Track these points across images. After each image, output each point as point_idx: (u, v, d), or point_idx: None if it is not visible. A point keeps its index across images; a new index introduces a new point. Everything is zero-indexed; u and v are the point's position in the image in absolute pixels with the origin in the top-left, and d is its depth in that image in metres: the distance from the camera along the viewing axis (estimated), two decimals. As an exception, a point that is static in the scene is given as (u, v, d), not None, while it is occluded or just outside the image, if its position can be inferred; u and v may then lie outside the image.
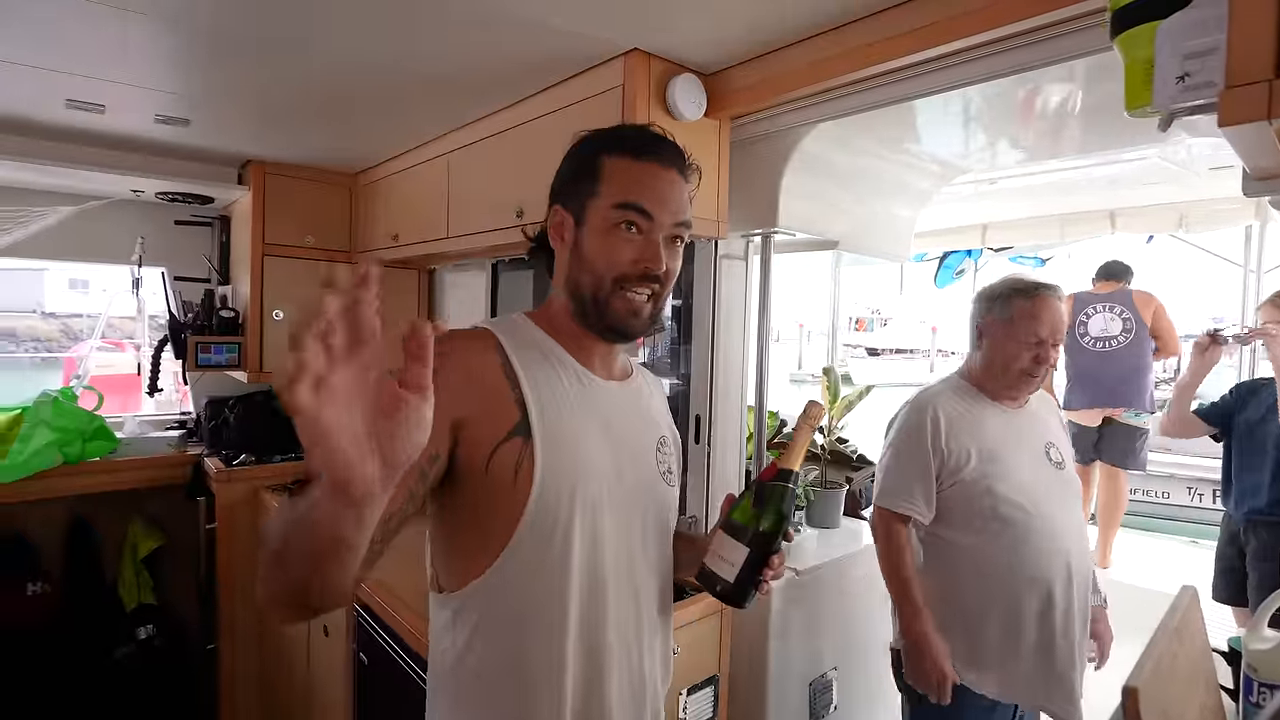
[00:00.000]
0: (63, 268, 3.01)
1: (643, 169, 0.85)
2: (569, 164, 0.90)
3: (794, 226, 1.63)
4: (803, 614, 1.68)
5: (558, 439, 0.81)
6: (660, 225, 0.84)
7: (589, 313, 0.85)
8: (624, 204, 0.83)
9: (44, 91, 1.68)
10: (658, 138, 0.88)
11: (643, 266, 0.84)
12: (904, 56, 1.16)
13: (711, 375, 1.67)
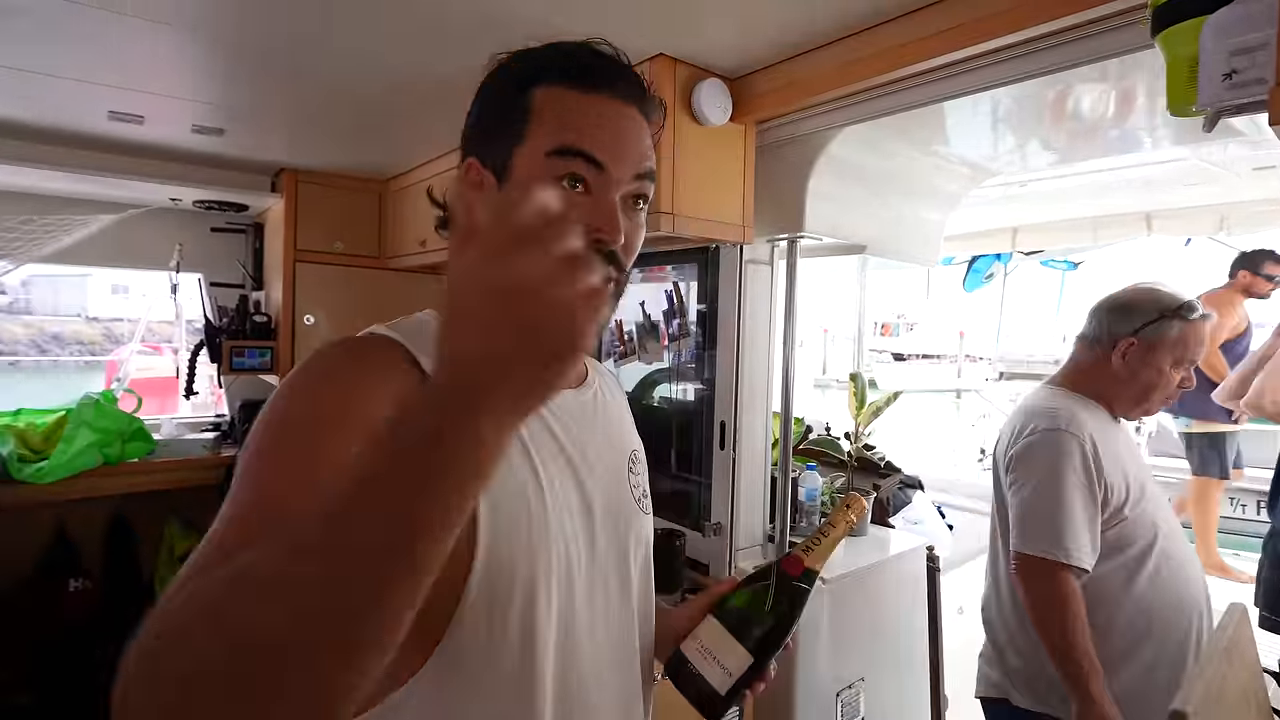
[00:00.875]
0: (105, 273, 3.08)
1: (589, 103, 0.61)
2: (486, 98, 0.66)
3: (820, 231, 1.62)
4: (830, 622, 1.65)
5: (507, 486, 0.58)
6: (615, 180, 0.61)
7: None
8: (563, 149, 0.59)
9: (87, 103, 1.74)
10: (609, 59, 0.64)
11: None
12: (934, 58, 1.15)
13: (737, 381, 1.66)
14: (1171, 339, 1.30)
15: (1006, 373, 7.95)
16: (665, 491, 1.89)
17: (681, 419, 1.83)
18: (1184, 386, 1.33)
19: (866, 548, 1.89)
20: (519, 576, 0.58)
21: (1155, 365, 1.31)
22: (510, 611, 0.57)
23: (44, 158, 2.04)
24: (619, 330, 1.94)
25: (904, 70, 1.21)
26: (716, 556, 1.66)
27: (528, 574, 0.58)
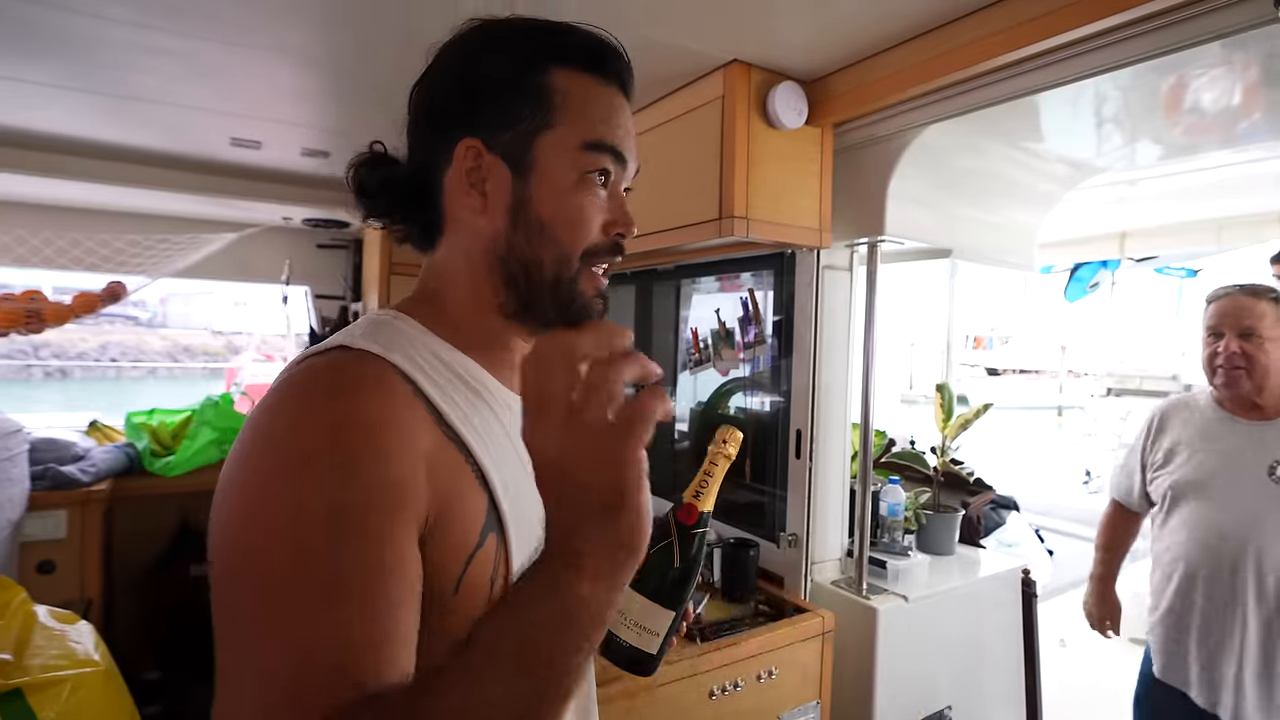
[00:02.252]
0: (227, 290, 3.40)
1: (609, 95, 0.60)
2: (480, 75, 0.58)
3: (903, 234, 1.56)
4: (913, 643, 1.57)
5: (519, 513, 0.55)
6: (629, 174, 0.62)
7: (545, 302, 0.59)
8: (599, 144, 0.57)
9: (213, 131, 1.93)
10: (620, 51, 0.62)
11: (614, 233, 0.59)
12: (1027, 46, 1.09)
13: (814, 390, 1.62)
14: (1206, 314, 1.61)
15: (1116, 389, 7.33)
16: (739, 501, 1.87)
17: (757, 428, 1.81)
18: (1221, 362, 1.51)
19: (954, 568, 1.79)
20: None
21: (1203, 340, 1.60)
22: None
23: (176, 183, 2.27)
24: (694, 338, 1.94)
25: (993, 62, 1.16)
26: (792, 569, 1.62)
27: None
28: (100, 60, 1.44)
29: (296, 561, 0.43)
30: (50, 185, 2.27)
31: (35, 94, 1.64)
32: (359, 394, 0.48)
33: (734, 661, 1.31)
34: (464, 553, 0.50)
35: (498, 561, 0.52)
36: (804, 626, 1.44)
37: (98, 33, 1.30)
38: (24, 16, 1.25)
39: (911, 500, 1.89)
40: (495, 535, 0.53)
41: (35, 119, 1.84)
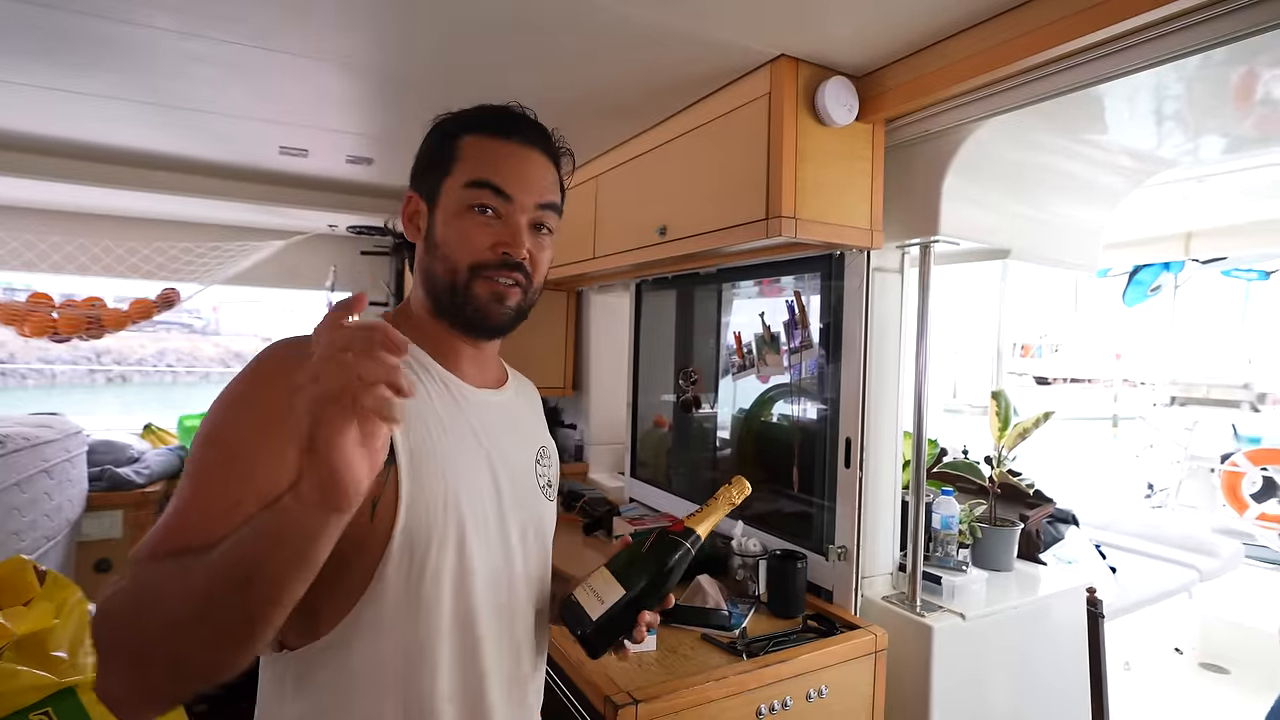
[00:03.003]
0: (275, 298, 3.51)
1: (500, 147, 0.78)
2: (425, 146, 0.82)
3: (957, 234, 1.49)
4: (971, 664, 1.49)
5: (425, 462, 0.71)
6: (521, 207, 0.77)
7: (446, 306, 0.77)
8: (477, 182, 0.75)
9: (263, 141, 1.97)
10: (520, 116, 0.82)
11: (500, 251, 0.75)
12: (1092, 34, 1.02)
13: (864, 397, 1.55)
14: None
15: (1180, 398, 6.97)
16: (784, 512, 1.81)
17: (802, 436, 1.75)
18: None
19: (1012, 585, 1.69)
20: (433, 541, 0.70)
21: None
22: (425, 565, 0.70)
23: (227, 191, 2.33)
24: (737, 343, 1.90)
25: (1056, 51, 1.09)
26: (842, 582, 1.55)
27: (440, 539, 0.71)
28: (154, 71, 1.48)
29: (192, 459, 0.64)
30: (110, 195, 2.35)
31: (93, 106, 1.70)
32: (289, 351, 0.68)
33: (783, 679, 1.26)
34: None
35: (382, 491, 0.68)
36: (855, 644, 1.37)
37: (151, 43, 1.33)
38: (82, 30, 1.28)
39: (966, 513, 1.81)
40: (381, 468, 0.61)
41: (94, 131, 1.91)
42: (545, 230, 0.80)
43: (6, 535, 1.75)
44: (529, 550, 0.82)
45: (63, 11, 1.21)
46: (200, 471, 0.63)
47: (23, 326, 2.39)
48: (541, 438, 0.91)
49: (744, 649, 1.31)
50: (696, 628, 1.40)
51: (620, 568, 0.78)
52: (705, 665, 1.26)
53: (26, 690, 1.36)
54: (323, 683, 0.68)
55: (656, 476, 2.40)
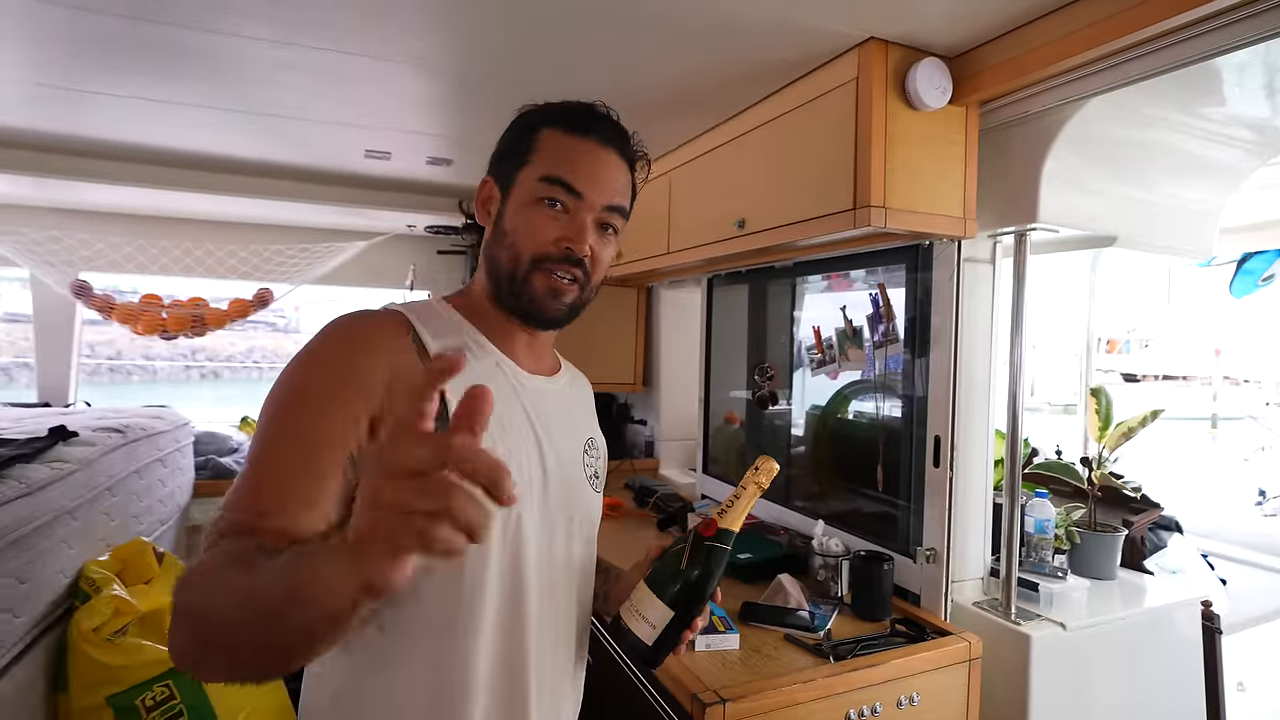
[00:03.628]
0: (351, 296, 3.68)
1: (577, 144, 0.79)
2: (508, 135, 0.84)
3: (1058, 221, 1.40)
4: (1072, 677, 1.40)
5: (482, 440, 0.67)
6: (589, 205, 0.78)
7: (505, 293, 0.79)
8: (550, 177, 0.77)
9: (348, 145, 2.05)
10: (602, 115, 0.82)
11: (564, 246, 0.76)
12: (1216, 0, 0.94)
13: (954, 394, 1.49)
14: None
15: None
16: (864, 511, 1.75)
17: (885, 434, 1.69)
18: None
19: (1116, 594, 1.59)
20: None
21: None
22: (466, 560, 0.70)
23: (315, 195, 2.44)
24: (816, 337, 1.85)
25: (1176, 20, 1.00)
26: (930, 586, 1.49)
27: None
28: (246, 80, 1.56)
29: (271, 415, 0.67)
30: (209, 201, 2.51)
31: (193, 116, 1.81)
32: (359, 322, 0.72)
33: (872, 684, 1.22)
34: None
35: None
36: (948, 651, 1.31)
37: (243, 53, 1.40)
38: (180, 42, 1.36)
39: (1063, 517, 1.71)
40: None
41: (192, 139, 2.03)
42: (610, 231, 0.81)
43: (128, 518, 1.90)
44: (574, 537, 0.82)
45: (166, 25, 1.28)
46: (273, 435, 0.65)
47: (136, 325, 2.58)
48: (591, 429, 0.92)
49: (830, 651, 1.27)
50: (778, 627, 1.38)
51: (661, 583, 0.77)
52: (790, 666, 1.23)
53: (150, 664, 1.47)
54: (364, 642, 0.70)
55: (728, 473, 2.38)
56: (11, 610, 1.36)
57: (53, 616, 1.54)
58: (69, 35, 1.33)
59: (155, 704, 1.47)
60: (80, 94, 1.66)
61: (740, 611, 1.42)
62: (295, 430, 0.65)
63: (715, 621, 1.32)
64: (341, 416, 0.65)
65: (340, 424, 0.65)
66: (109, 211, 2.75)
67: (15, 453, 1.50)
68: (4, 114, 1.82)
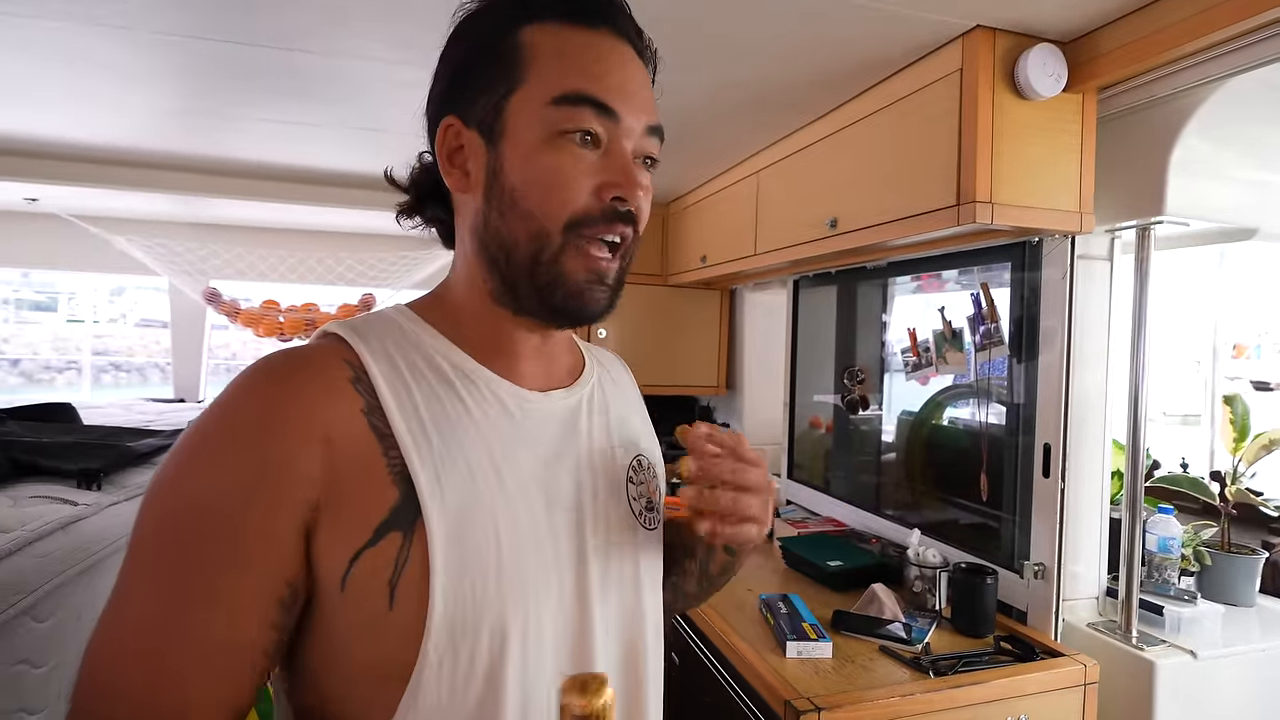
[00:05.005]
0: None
1: (591, 40, 0.53)
2: (462, 49, 0.56)
3: (1188, 214, 1.29)
4: (1203, 711, 1.29)
5: (470, 519, 0.49)
6: (627, 130, 0.52)
7: (522, 286, 0.53)
8: (572, 95, 0.51)
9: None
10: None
11: (610, 196, 0.52)
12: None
13: (1066, 400, 1.40)
14: None
15: None
16: (964, 523, 1.68)
17: (987, 442, 1.61)
18: None
19: (1252, 623, 1.44)
20: (484, 626, 0.48)
21: None
22: (475, 662, 0.48)
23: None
24: (912, 340, 1.79)
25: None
26: (1039, 603, 1.41)
27: (496, 621, 0.49)
28: (359, 98, 1.66)
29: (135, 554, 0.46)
30: (322, 212, 2.70)
31: (317, 135, 1.95)
32: (271, 383, 0.49)
33: (975, 702, 1.16)
34: (351, 549, 0.46)
35: (402, 562, 0.47)
36: (1060, 673, 1.24)
37: (360, 73, 1.50)
38: (311, 68, 1.47)
39: (1190, 535, 1.57)
40: (401, 533, 0.47)
41: (314, 156, 2.19)
42: (650, 165, 0.56)
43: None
44: (611, 608, 0.57)
45: (297, 52, 1.39)
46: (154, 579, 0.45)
47: (258, 328, 2.82)
48: (634, 435, 0.66)
49: (929, 666, 1.22)
50: (871, 638, 1.34)
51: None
52: (887, 679, 1.19)
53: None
54: None
55: (814, 479, 2.33)
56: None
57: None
58: (217, 66, 1.48)
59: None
60: (223, 119, 1.83)
61: (832, 620, 1.39)
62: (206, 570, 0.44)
63: (807, 629, 1.30)
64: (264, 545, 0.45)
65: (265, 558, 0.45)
66: (235, 225, 3.01)
67: (164, 443, 1.67)
68: (152, 139, 2.03)
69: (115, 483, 1.43)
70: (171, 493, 0.47)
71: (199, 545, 0.45)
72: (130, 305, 11.67)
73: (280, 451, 0.46)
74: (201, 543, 0.45)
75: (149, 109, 1.77)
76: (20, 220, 2.81)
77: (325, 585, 0.47)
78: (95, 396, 6.29)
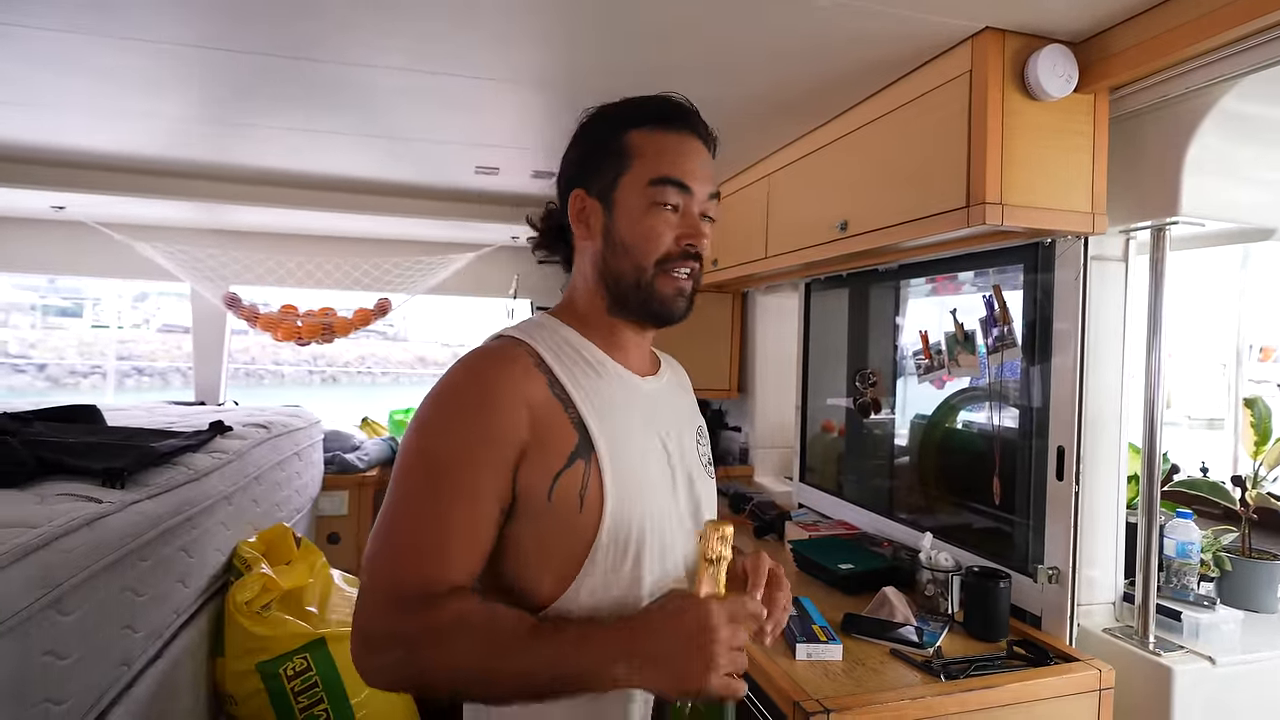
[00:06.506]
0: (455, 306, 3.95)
1: (674, 140, 0.80)
2: (585, 144, 0.83)
3: (1203, 214, 1.28)
4: (1223, 718, 1.27)
5: (620, 454, 0.75)
6: (698, 200, 0.80)
7: (631, 301, 0.80)
8: (662, 179, 0.77)
9: (461, 162, 2.18)
10: (683, 105, 0.82)
11: (684, 244, 0.79)
12: None
13: (1080, 403, 1.39)
14: None
15: None
16: (977, 527, 1.66)
17: (1000, 445, 1.59)
18: None
19: (1275, 630, 1.41)
20: (634, 526, 0.74)
21: None
22: (628, 548, 0.74)
23: (430, 210, 2.62)
24: (924, 342, 1.78)
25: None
26: (1053, 607, 1.39)
27: (639, 524, 0.75)
28: (374, 105, 1.69)
29: (405, 481, 0.71)
30: (338, 218, 2.74)
31: (331, 142, 1.99)
32: (489, 367, 0.74)
33: (988, 706, 1.16)
34: (553, 471, 0.72)
35: (586, 480, 0.73)
36: (1074, 678, 1.22)
37: (373, 80, 1.53)
38: (324, 76, 1.50)
39: (1210, 540, 1.54)
40: (583, 461, 0.73)
41: (328, 163, 2.23)
42: (709, 219, 0.83)
43: (271, 506, 2.11)
44: (697, 521, 0.85)
45: (312, 61, 1.42)
46: (435, 491, 0.70)
47: (276, 332, 2.87)
48: (696, 416, 0.94)
49: (941, 669, 1.22)
50: (882, 641, 1.33)
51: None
52: (898, 681, 1.19)
53: (293, 636, 1.62)
54: None
55: (826, 483, 2.32)
56: (183, 580, 1.54)
57: (213, 589, 1.73)
58: (227, 75, 1.51)
59: (295, 674, 1.63)
60: (239, 127, 1.88)
61: (842, 623, 1.39)
62: (457, 488, 0.69)
63: (816, 630, 1.30)
64: (491, 474, 0.70)
65: (492, 482, 0.70)
66: (254, 231, 3.07)
67: (185, 444, 1.71)
68: (175, 148, 2.08)
69: (138, 481, 1.46)
70: (420, 446, 0.72)
71: (448, 478, 0.70)
72: (153, 311, 11.89)
73: (497, 417, 0.71)
74: (448, 476, 0.70)
75: (169, 119, 1.82)
76: (48, 228, 2.88)
77: (535, 499, 0.72)
78: (119, 400, 6.41)
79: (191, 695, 1.63)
